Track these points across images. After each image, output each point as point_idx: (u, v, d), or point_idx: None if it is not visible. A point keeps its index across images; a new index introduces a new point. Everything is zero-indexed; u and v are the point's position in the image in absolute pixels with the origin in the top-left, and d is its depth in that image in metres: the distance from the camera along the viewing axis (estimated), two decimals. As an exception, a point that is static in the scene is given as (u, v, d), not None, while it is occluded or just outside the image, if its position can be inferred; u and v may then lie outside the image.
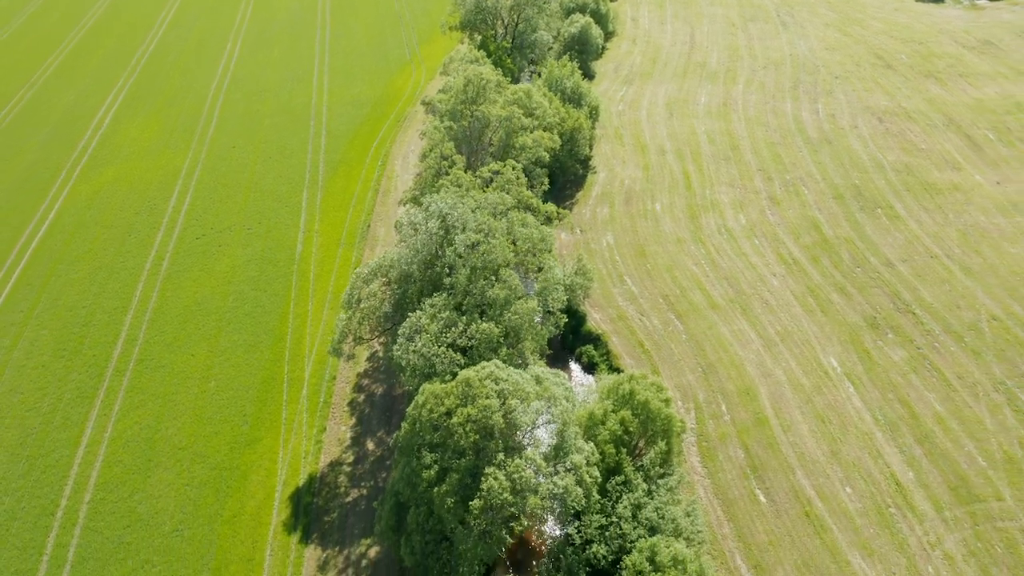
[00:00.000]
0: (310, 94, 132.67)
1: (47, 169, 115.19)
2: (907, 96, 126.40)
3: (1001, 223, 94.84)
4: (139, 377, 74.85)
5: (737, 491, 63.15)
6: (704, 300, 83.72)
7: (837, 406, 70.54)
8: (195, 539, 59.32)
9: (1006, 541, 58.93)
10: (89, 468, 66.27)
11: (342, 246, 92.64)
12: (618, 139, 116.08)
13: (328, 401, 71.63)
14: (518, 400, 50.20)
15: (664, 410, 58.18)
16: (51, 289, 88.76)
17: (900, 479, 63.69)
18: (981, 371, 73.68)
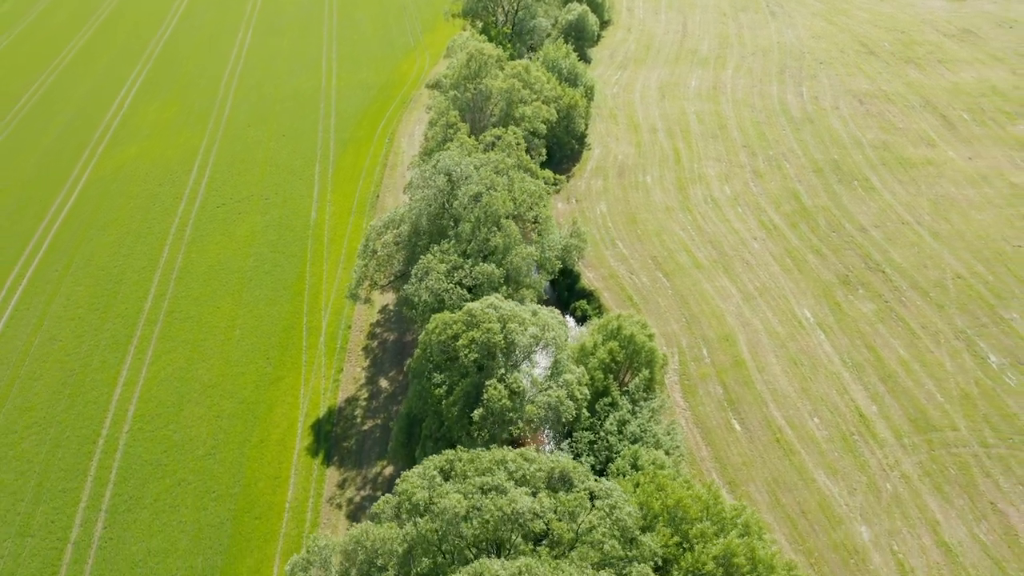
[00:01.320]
0: (319, 79, 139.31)
1: (72, 147, 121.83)
2: (887, 80, 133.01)
3: (970, 193, 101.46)
4: (169, 327, 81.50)
5: (715, 421, 69.81)
6: (689, 260, 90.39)
7: (809, 351, 77.18)
8: (226, 461, 65.94)
9: (959, 464, 65.50)
10: (126, 404, 72.90)
11: (353, 214, 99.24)
12: (612, 119, 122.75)
13: (344, 347, 78.25)
14: (516, 324, 56.77)
15: (648, 343, 64.86)
16: (83, 251, 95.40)
17: (864, 412, 70.32)
18: (944, 322, 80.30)
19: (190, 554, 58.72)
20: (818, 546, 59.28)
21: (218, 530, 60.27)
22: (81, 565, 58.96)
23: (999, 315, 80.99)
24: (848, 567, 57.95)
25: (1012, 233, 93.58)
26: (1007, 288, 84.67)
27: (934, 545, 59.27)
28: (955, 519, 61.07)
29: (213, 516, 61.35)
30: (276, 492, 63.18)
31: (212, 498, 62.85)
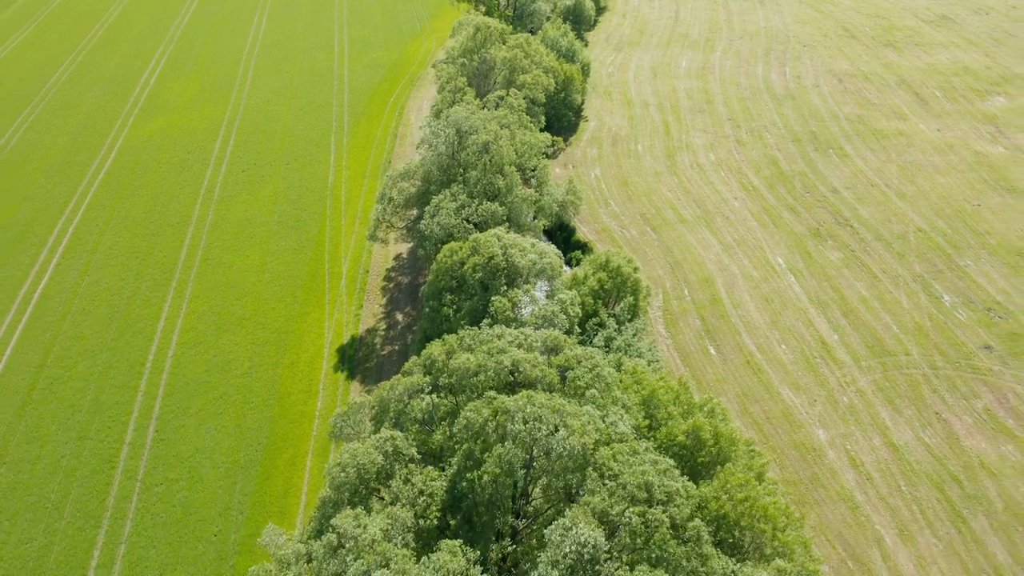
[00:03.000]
0: (332, 59, 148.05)
1: (104, 119, 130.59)
2: (866, 61, 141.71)
3: (936, 160, 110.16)
4: (204, 271, 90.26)
5: (693, 347, 78.55)
6: (675, 216, 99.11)
7: (780, 291, 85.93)
8: (262, 378, 74.71)
9: (909, 382, 74.20)
10: (170, 333, 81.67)
11: (367, 177, 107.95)
12: (607, 96, 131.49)
13: (363, 288, 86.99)
14: (517, 250, 65.47)
15: (633, 275, 73.55)
16: (120, 209, 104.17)
17: (826, 340, 79.07)
18: (904, 268, 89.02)
19: (233, 451, 67.48)
20: (780, 445, 68.00)
21: (257, 433, 69.02)
22: (136, 461, 67.72)
23: (955, 262, 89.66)
24: (806, 461, 66.66)
25: (972, 194, 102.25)
26: (964, 240, 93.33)
27: (883, 445, 67.96)
28: (903, 425, 69.75)
29: (252, 422, 70.11)
30: (307, 403, 71.92)
31: (251, 408, 71.62)
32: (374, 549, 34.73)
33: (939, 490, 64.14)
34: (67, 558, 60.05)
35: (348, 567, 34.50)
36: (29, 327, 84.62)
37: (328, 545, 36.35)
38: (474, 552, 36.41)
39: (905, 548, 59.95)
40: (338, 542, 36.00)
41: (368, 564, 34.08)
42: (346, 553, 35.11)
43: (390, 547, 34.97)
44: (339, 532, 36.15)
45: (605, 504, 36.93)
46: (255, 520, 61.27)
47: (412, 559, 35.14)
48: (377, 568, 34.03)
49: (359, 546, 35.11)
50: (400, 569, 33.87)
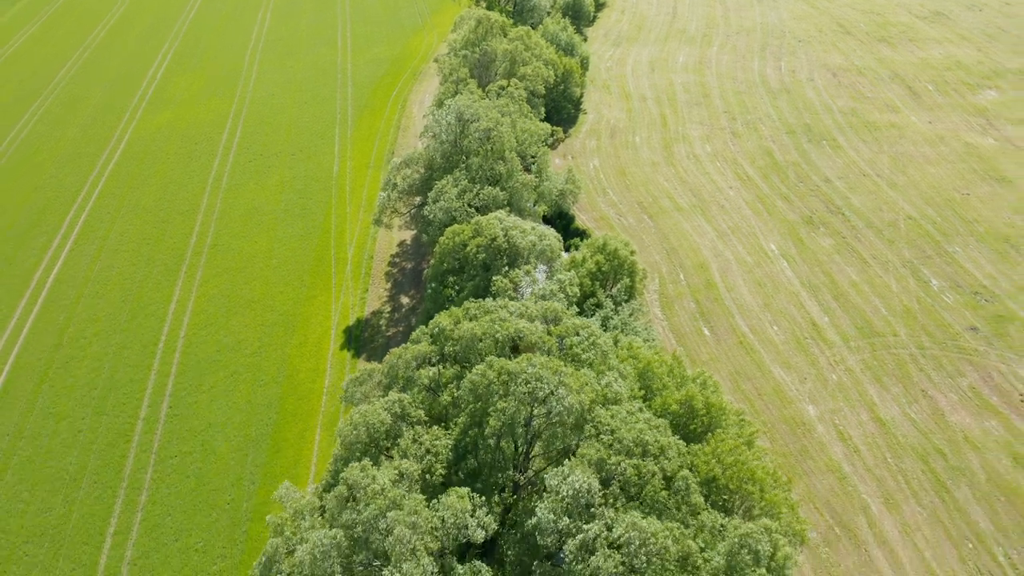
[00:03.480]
0: (335, 54, 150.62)
1: (111, 112, 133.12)
2: (860, 56, 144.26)
3: (927, 151, 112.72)
4: (214, 256, 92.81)
5: (688, 329, 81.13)
6: (671, 205, 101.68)
7: (773, 276, 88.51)
8: (272, 357, 77.27)
9: (896, 361, 76.77)
10: (181, 315, 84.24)
11: (371, 168, 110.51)
12: (606, 89, 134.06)
13: (368, 272, 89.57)
14: (518, 232, 68.04)
15: (629, 257, 76.15)
16: (130, 198, 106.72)
17: (817, 322, 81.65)
18: (893, 253, 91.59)
19: (244, 425, 70.04)
20: (771, 420, 70.59)
21: (267, 408, 71.58)
22: (151, 435, 70.28)
23: (944, 249, 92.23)
24: (796, 435, 69.25)
25: (962, 183, 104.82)
26: (953, 227, 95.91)
27: (871, 420, 70.54)
28: (890, 402, 72.33)
29: (262, 398, 72.68)
30: (315, 380, 74.47)
31: (261, 385, 74.18)
32: (385, 495, 37.26)
33: (924, 462, 66.70)
34: (85, 525, 62.60)
35: (361, 513, 37.01)
36: (44, 310, 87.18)
37: (339, 496, 38.87)
38: (480, 498, 38.96)
39: (890, 516, 62.50)
40: (349, 493, 38.53)
41: (380, 508, 36.61)
42: (357, 501, 37.64)
43: (399, 492, 37.51)
44: (349, 483, 38.67)
45: (600, 455, 39.50)
46: (266, 489, 63.82)
47: (423, 503, 37.70)
48: (390, 510, 36.56)
49: (369, 494, 37.64)
50: (412, 510, 36.37)
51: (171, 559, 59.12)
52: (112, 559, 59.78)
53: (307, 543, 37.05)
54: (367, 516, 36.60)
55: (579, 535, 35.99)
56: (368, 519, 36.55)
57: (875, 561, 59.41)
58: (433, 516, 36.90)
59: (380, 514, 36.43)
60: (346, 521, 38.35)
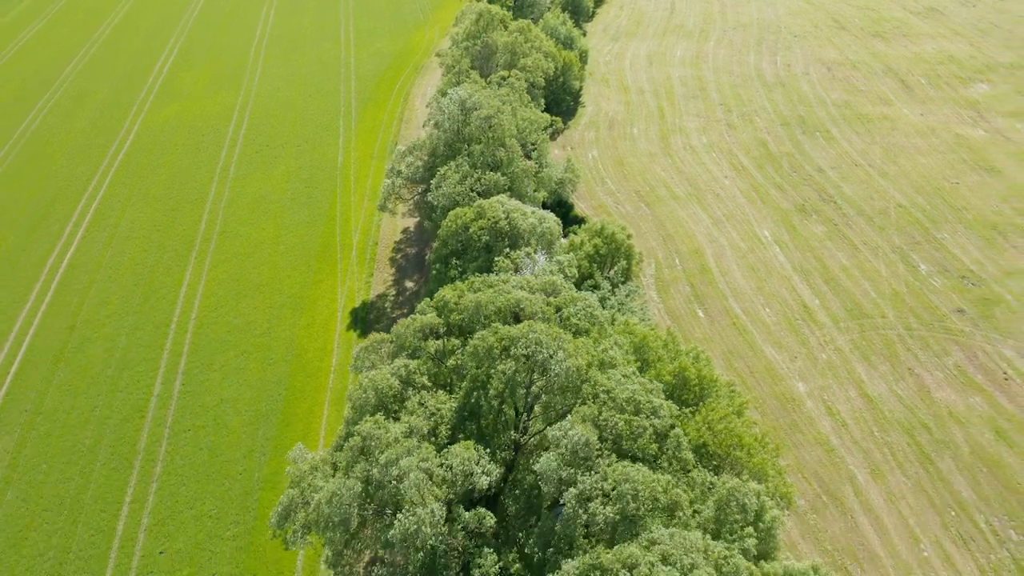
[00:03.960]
0: (339, 49, 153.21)
1: (119, 106, 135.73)
2: (854, 51, 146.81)
3: (918, 142, 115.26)
4: (223, 242, 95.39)
5: (683, 311, 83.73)
6: (668, 193, 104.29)
7: (766, 261, 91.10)
8: (281, 337, 79.86)
9: (884, 341, 79.35)
10: (192, 298, 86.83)
11: (375, 158, 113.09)
12: (605, 83, 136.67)
13: (373, 258, 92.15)
14: (519, 214, 70.60)
15: (626, 241, 78.83)
16: (140, 187, 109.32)
17: (808, 304, 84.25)
18: (883, 240, 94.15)
19: (255, 401, 72.64)
20: (762, 396, 73.18)
21: (277, 385, 74.18)
22: (164, 410, 72.88)
23: (932, 235, 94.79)
24: (786, 410, 71.84)
25: (951, 173, 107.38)
26: (942, 215, 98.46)
27: (859, 396, 73.14)
28: (878, 379, 74.91)
29: (272, 376, 75.27)
30: (323, 359, 77.05)
31: (270, 363, 76.77)
32: (399, 443, 39.81)
33: (909, 435, 69.28)
34: (103, 494, 65.20)
35: (377, 461, 39.56)
36: (58, 293, 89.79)
37: (353, 447, 41.45)
38: (484, 450, 41.51)
39: (876, 485, 65.10)
40: (363, 443, 41.09)
41: (395, 454, 39.16)
42: (371, 452, 40.19)
43: (412, 442, 40.06)
44: (363, 435, 41.24)
45: (596, 412, 42.04)
46: (277, 461, 66.42)
47: (433, 451, 40.23)
48: (403, 457, 39.10)
49: (383, 443, 40.20)
50: (424, 456, 38.92)
51: (186, 525, 61.73)
52: (129, 525, 62.38)
53: (323, 490, 39.63)
54: (383, 462, 39.16)
55: (577, 485, 38.55)
56: (384, 464, 39.11)
57: (861, 527, 62.00)
58: (442, 463, 39.45)
59: (394, 460, 39.00)
60: (361, 470, 40.91)
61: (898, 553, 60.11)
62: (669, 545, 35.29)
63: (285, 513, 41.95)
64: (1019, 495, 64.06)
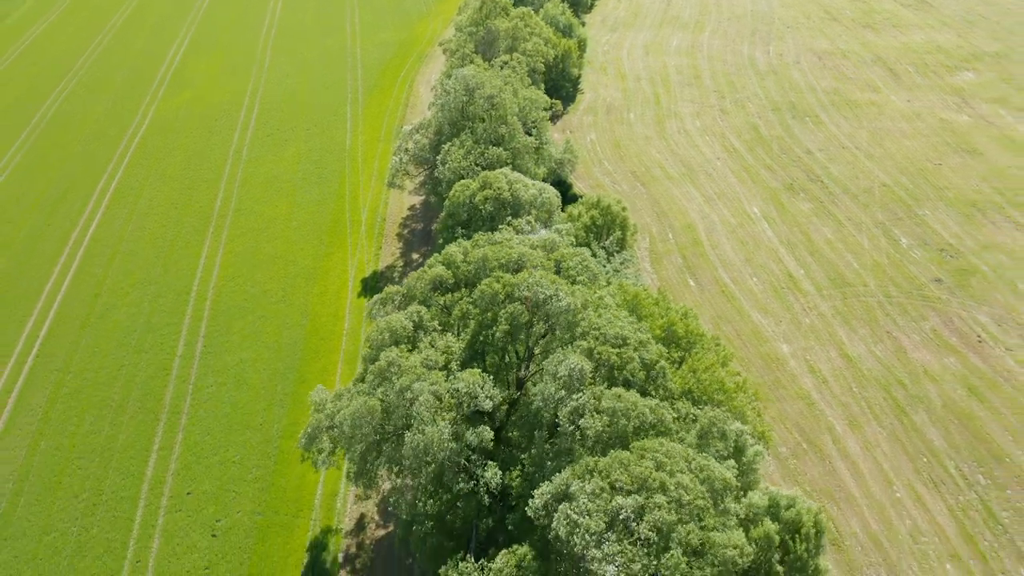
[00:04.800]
0: (345, 39, 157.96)
1: (133, 93, 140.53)
2: (845, 41, 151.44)
3: (904, 127, 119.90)
4: (238, 219, 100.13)
5: (675, 280, 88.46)
6: (662, 174, 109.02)
7: (754, 235, 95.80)
8: (295, 304, 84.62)
9: (865, 307, 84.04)
10: (210, 269, 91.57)
11: (381, 141, 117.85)
12: (603, 71, 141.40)
13: (381, 232, 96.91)
14: (521, 185, 75.31)
15: (621, 213, 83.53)
16: (157, 168, 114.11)
17: (793, 274, 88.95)
18: (867, 216, 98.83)
19: (272, 361, 77.37)
20: (748, 356, 77.89)
21: (293, 347, 78.91)
22: (187, 369, 77.64)
23: (914, 212, 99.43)
24: (770, 369, 76.56)
25: (935, 155, 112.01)
26: (924, 193, 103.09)
27: (839, 356, 77.84)
28: (858, 341, 79.60)
29: (288, 338, 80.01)
30: (335, 323, 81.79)
31: (286, 327, 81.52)
32: (414, 370, 44.48)
33: (886, 391, 73.98)
34: (132, 443, 69.97)
35: (394, 384, 44.26)
36: (82, 265, 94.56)
37: (378, 370, 46.13)
38: (489, 377, 46.19)
39: (853, 435, 69.81)
40: (386, 368, 45.76)
41: (413, 377, 43.80)
42: (390, 378, 44.88)
43: (424, 370, 44.71)
44: (388, 360, 45.90)
45: (590, 346, 46.68)
46: (294, 413, 71.15)
47: (443, 377, 44.87)
48: (417, 381, 43.77)
49: (403, 369, 44.85)
50: (434, 381, 43.60)
51: (211, 470, 66.46)
52: (158, 470, 67.13)
53: (346, 409, 44.32)
54: (399, 386, 43.83)
55: (571, 403, 43.17)
56: (400, 388, 43.78)
57: (838, 471, 66.72)
58: (451, 387, 44.11)
59: (408, 385, 43.64)
60: (380, 394, 45.63)
61: (872, 494, 64.82)
62: (659, 452, 39.93)
63: (312, 435, 46.62)
64: (988, 444, 68.70)
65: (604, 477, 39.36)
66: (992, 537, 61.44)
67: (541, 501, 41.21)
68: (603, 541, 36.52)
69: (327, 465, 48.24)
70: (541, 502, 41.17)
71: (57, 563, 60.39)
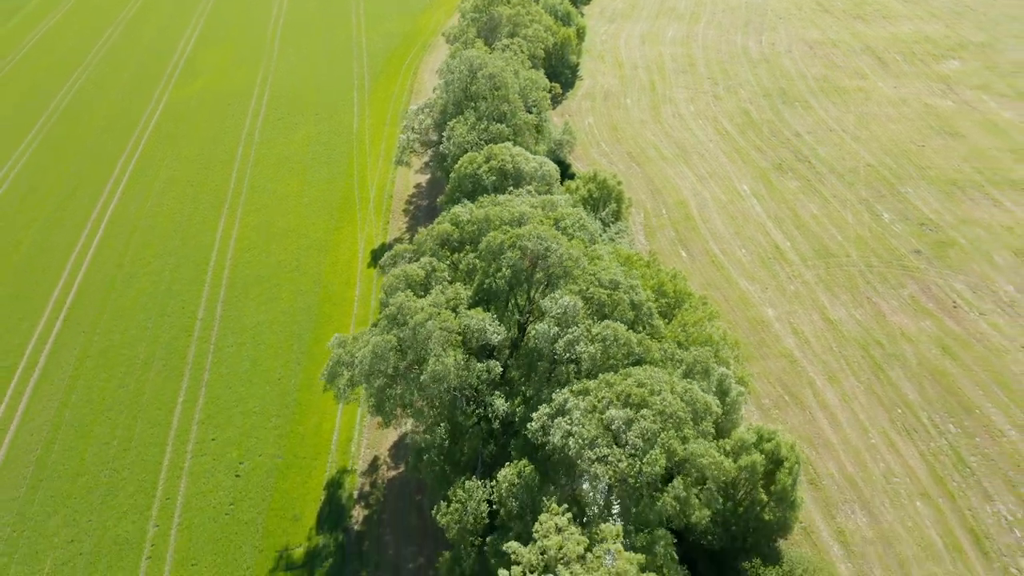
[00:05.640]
0: (350, 30, 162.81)
1: (147, 81, 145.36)
2: (836, 31, 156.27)
3: (890, 111, 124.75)
4: (252, 195, 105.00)
5: (667, 251, 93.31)
6: (657, 155, 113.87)
7: (744, 211, 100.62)
8: (309, 272, 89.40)
9: (847, 275, 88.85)
10: (227, 241, 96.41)
11: (387, 124, 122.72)
12: (600, 59, 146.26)
13: (388, 208, 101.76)
14: (523, 158, 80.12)
15: (617, 187, 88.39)
16: (172, 149, 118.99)
17: (780, 246, 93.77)
18: (851, 193, 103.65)
19: (288, 323, 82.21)
20: (735, 319, 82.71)
21: (307, 311, 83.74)
22: (208, 331, 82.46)
23: (897, 190, 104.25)
24: (756, 330, 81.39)
25: (918, 137, 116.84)
26: (906, 172, 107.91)
27: (821, 319, 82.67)
28: (839, 306, 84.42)
29: (302, 303, 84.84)
30: (347, 290, 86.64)
31: (300, 294, 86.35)
32: (425, 310, 49.23)
33: (864, 350, 78.79)
34: (158, 396, 74.81)
35: (408, 324, 49.04)
36: (104, 238, 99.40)
37: (390, 314, 50.92)
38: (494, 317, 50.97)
39: (832, 388, 74.65)
40: (397, 311, 50.54)
41: (425, 316, 48.55)
42: (407, 314, 49.66)
43: (436, 310, 49.47)
44: (398, 305, 50.67)
45: (584, 288, 51.48)
46: (310, 369, 75.95)
47: (453, 316, 49.63)
48: (429, 319, 48.51)
49: (414, 310, 49.61)
50: (447, 318, 48.38)
51: (233, 419, 71.29)
52: (183, 419, 71.97)
53: (365, 347, 49.10)
54: (413, 323, 48.58)
55: (566, 336, 47.92)
56: (413, 327, 48.52)
57: (817, 420, 71.54)
58: (461, 323, 48.90)
59: (422, 323, 48.37)
60: (397, 332, 50.42)
61: (849, 440, 69.64)
62: (643, 375, 44.71)
63: (334, 369, 51.37)
64: (959, 398, 73.46)
65: (596, 396, 44.16)
66: (960, 479, 66.24)
67: (539, 423, 45.99)
68: (594, 445, 41.30)
69: (347, 398, 52.98)
70: (539, 424, 45.95)
71: (91, 501, 65.19)
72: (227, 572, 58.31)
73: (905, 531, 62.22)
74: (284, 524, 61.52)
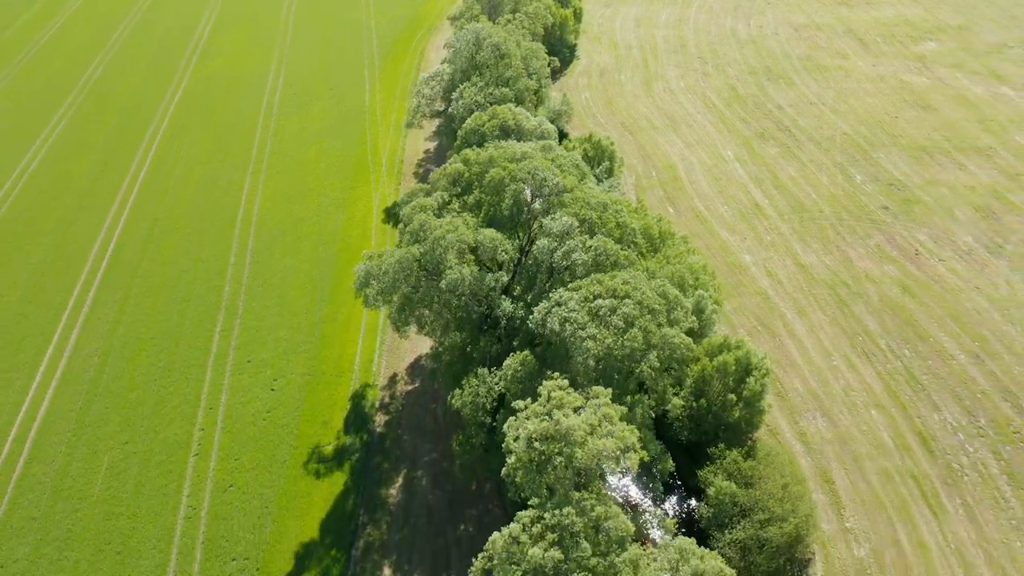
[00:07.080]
0: (360, 15, 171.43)
1: (167, 63, 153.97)
2: (821, 15, 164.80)
3: (868, 87, 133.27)
4: (273, 160, 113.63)
5: (656, 208, 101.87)
6: (648, 125, 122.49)
7: (727, 173, 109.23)
8: (328, 228, 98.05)
9: (819, 228, 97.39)
10: (252, 200, 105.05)
11: (396, 99, 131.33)
12: (597, 40, 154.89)
13: (400, 171, 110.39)
14: (523, 117, 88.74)
15: (610, 147, 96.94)
16: (197, 123, 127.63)
17: (759, 203, 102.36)
18: (827, 158, 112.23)
19: (311, 269, 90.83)
20: (716, 264, 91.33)
21: (328, 260, 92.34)
22: (240, 273, 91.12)
23: (870, 155, 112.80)
24: (734, 273, 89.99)
25: (893, 110, 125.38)
26: (879, 140, 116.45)
27: (793, 264, 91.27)
28: (811, 253, 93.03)
29: (323, 253, 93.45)
30: (364, 242, 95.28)
31: (322, 245, 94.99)
32: (443, 226, 57.88)
33: (831, 289, 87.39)
34: (197, 326, 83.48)
35: (428, 237, 57.71)
36: (138, 199, 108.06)
37: (412, 231, 59.54)
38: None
39: (801, 320, 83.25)
40: (419, 228, 59.15)
41: (443, 231, 57.22)
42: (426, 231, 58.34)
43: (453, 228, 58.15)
44: (420, 222, 59.22)
45: (576, 210, 60.12)
46: (333, 306, 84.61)
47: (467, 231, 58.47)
48: (447, 234, 57.19)
49: (432, 226, 58.23)
50: (462, 232, 57.14)
51: (267, 344, 79.97)
52: (221, 345, 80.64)
53: (391, 259, 57.69)
54: (433, 237, 57.22)
55: (564, 247, 56.52)
56: (434, 239, 57.15)
57: (786, 346, 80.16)
58: (474, 238, 57.55)
59: (441, 236, 57.01)
60: (418, 248, 59.09)
61: (813, 362, 78.28)
62: (627, 276, 53.31)
63: (365, 278, 59.92)
64: (916, 328, 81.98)
65: (588, 291, 52.79)
66: (912, 392, 74.85)
67: (540, 315, 54.62)
68: (586, 326, 49.84)
69: (375, 305, 61.39)
70: (540, 316, 54.58)
71: (141, 411, 73.85)
72: (267, 465, 67.00)
73: (860, 433, 70.86)
74: (315, 428, 70.20)
